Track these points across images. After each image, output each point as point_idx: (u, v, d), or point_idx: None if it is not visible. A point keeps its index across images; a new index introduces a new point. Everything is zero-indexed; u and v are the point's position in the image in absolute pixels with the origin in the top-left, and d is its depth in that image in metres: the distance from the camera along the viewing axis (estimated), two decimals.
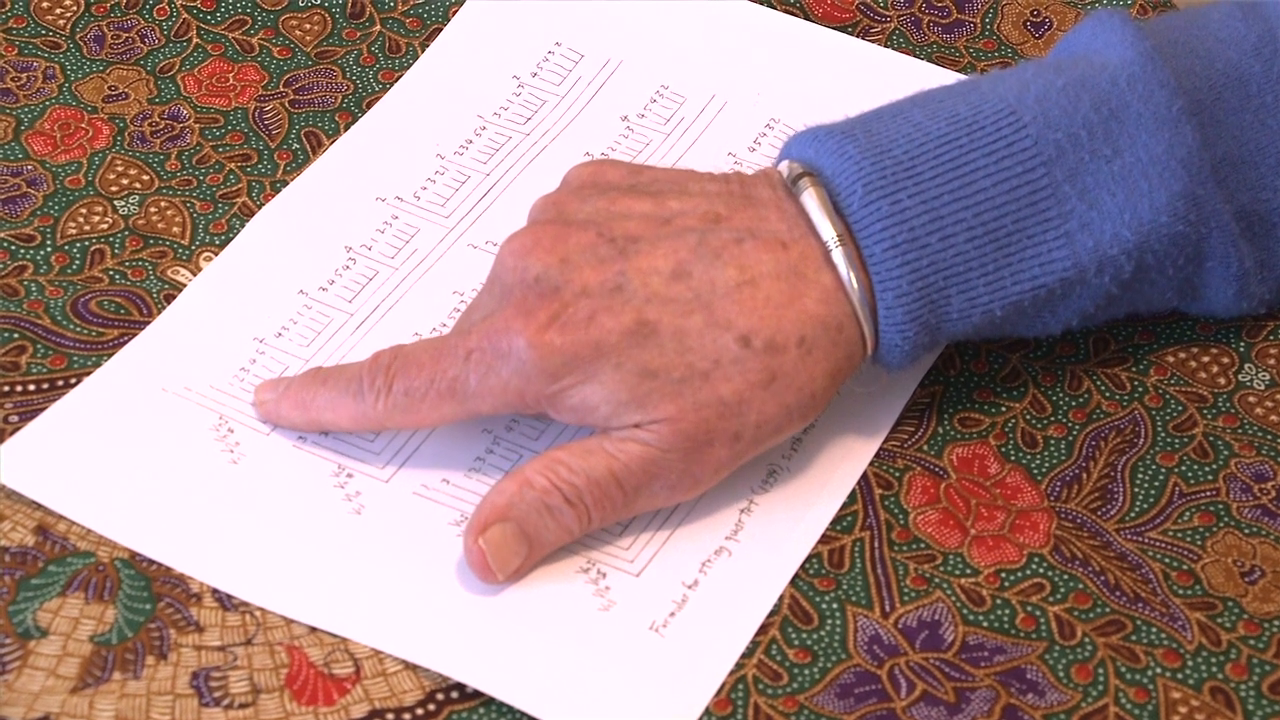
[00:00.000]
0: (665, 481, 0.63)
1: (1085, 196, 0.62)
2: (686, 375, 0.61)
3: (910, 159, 0.63)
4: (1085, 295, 0.64)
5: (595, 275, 0.62)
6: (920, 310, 0.63)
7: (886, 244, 0.62)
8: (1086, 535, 0.65)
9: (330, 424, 0.66)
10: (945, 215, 0.62)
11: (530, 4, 0.80)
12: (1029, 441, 0.67)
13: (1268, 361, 0.69)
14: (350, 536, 0.65)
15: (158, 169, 0.75)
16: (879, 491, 0.66)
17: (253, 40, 0.79)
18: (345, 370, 0.65)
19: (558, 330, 0.61)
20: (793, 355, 0.62)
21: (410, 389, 0.63)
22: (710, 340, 0.62)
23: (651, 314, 0.62)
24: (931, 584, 0.63)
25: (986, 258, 0.62)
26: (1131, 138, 0.63)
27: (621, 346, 0.61)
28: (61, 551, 0.64)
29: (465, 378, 0.63)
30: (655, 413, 0.62)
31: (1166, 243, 0.63)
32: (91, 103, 0.77)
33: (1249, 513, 0.65)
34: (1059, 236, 0.62)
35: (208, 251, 0.72)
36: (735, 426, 0.62)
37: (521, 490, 0.62)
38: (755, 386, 0.62)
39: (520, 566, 0.63)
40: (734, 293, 0.62)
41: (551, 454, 0.63)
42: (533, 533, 0.62)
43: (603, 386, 0.62)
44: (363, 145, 0.76)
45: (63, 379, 0.68)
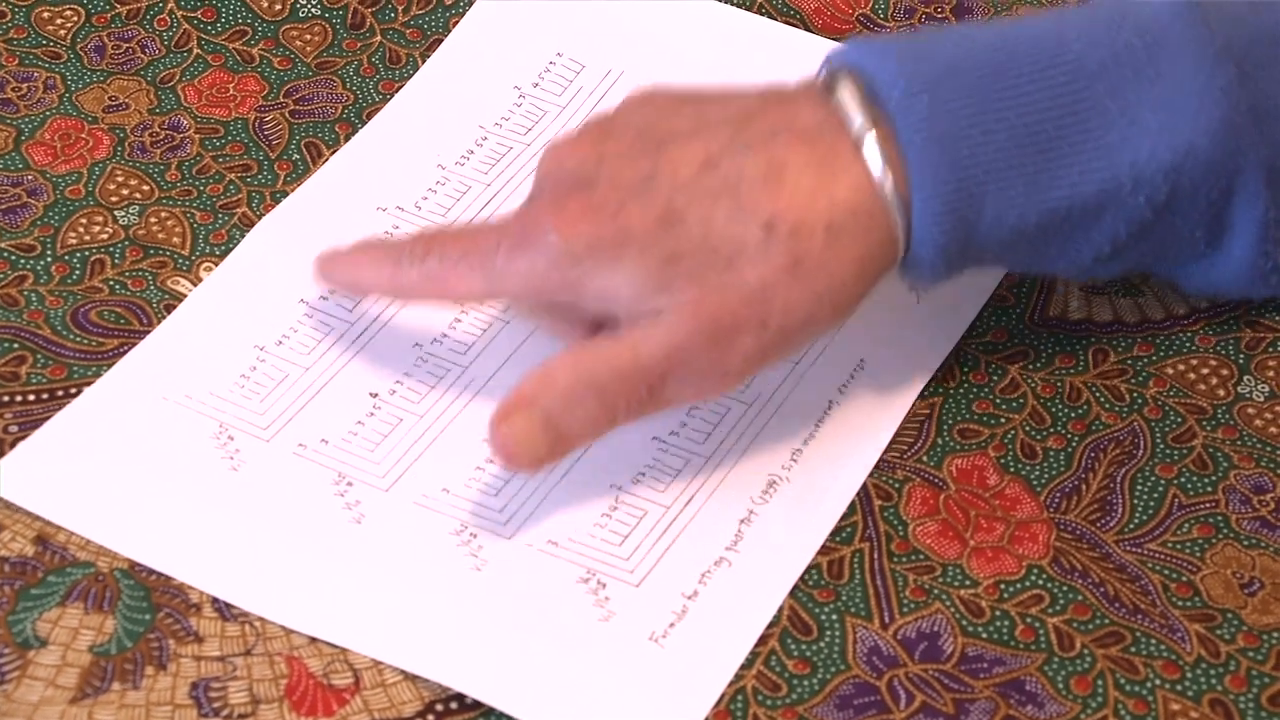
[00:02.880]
0: (692, 370, 0.63)
1: (1126, 113, 0.63)
2: (710, 260, 0.62)
3: (954, 63, 0.63)
4: (1119, 215, 0.63)
5: (629, 169, 0.63)
6: (957, 203, 0.62)
7: (926, 133, 0.62)
8: (1086, 547, 0.65)
9: (369, 284, 0.67)
10: (988, 112, 0.62)
11: (531, 15, 0.80)
12: (1028, 453, 0.67)
13: (1267, 373, 0.69)
14: (350, 546, 0.65)
15: (158, 179, 0.75)
16: (878, 503, 0.66)
17: (253, 51, 0.79)
18: (392, 239, 0.67)
19: (586, 217, 0.62)
20: (819, 241, 0.62)
21: (445, 256, 0.64)
22: (736, 226, 0.62)
23: (679, 202, 0.62)
24: (931, 595, 0.64)
25: (1026, 158, 0.62)
26: (1173, 64, 0.63)
27: (648, 233, 0.62)
28: (61, 562, 0.64)
29: (495, 255, 0.63)
30: (678, 296, 0.62)
31: (1203, 168, 0.63)
32: (92, 113, 0.77)
33: (1248, 524, 0.65)
34: (1098, 147, 0.62)
35: (208, 262, 0.72)
36: (761, 313, 0.62)
37: (546, 381, 0.63)
38: (780, 271, 0.62)
39: (545, 458, 0.63)
40: (761, 181, 0.62)
41: (579, 347, 0.63)
42: (558, 422, 0.63)
43: (626, 271, 0.62)
44: (364, 155, 0.76)
45: (63, 389, 0.68)
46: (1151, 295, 0.72)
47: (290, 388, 0.68)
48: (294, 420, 0.68)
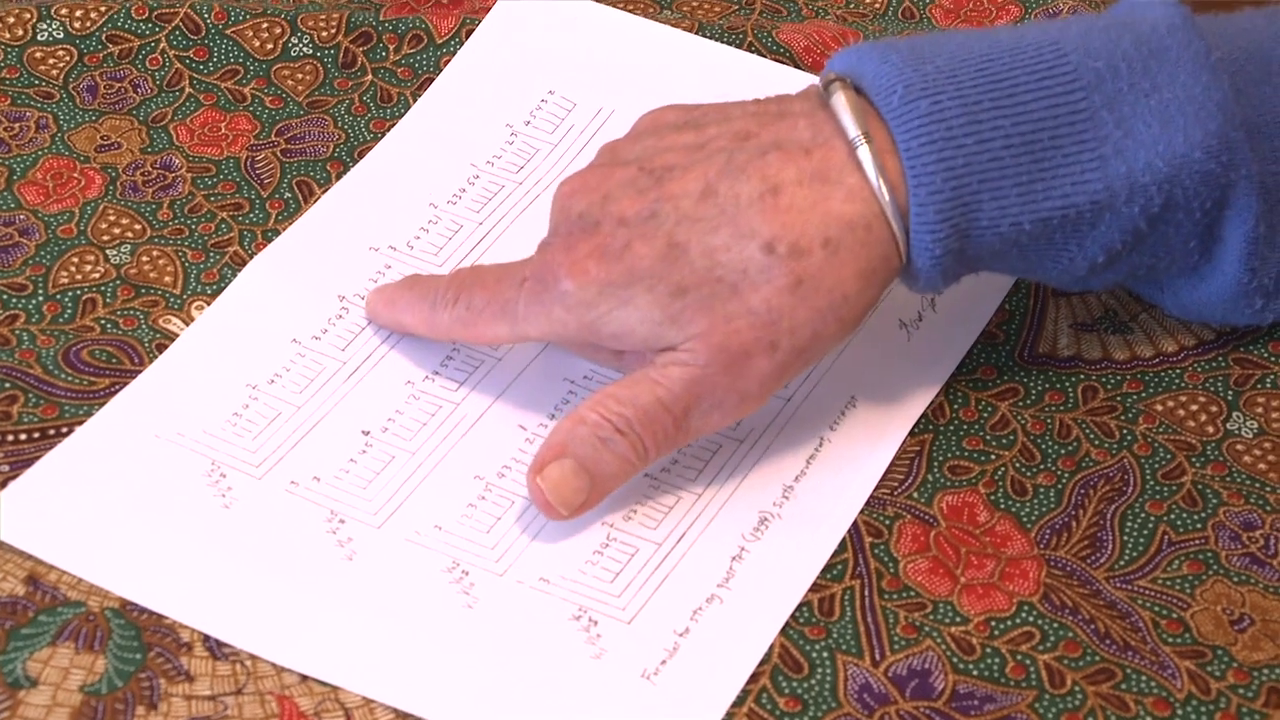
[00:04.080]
0: (712, 400, 0.64)
1: (1122, 125, 0.63)
2: (716, 289, 0.63)
3: (952, 68, 0.63)
4: (1114, 225, 0.64)
5: (632, 206, 0.64)
6: (952, 211, 0.63)
7: (924, 139, 0.62)
8: (1076, 583, 0.65)
9: (409, 326, 0.70)
10: (984, 120, 0.63)
11: (523, 53, 0.80)
12: (1018, 490, 0.67)
13: (1255, 410, 0.70)
14: (342, 583, 0.65)
15: (150, 218, 0.75)
16: (869, 539, 0.66)
17: (245, 90, 0.80)
18: (431, 280, 0.69)
19: (595, 261, 0.64)
20: (818, 257, 0.63)
21: (471, 304, 0.67)
22: (736, 252, 0.63)
23: (681, 235, 0.64)
24: (921, 632, 0.64)
25: (1021, 167, 0.63)
26: (1170, 76, 0.64)
27: (654, 270, 0.64)
28: (52, 601, 0.64)
29: (516, 303, 0.66)
30: (689, 329, 0.63)
31: (1197, 180, 0.64)
32: (84, 152, 0.77)
33: (1238, 561, 0.65)
34: (1093, 159, 0.63)
35: (199, 301, 0.72)
36: (770, 336, 0.63)
37: (575, 427, 0.65)
38: (783, 292, 0.63)
39: (585, 503, 0.65)
40: (757, 203, 0.63)
41: (602, 390, 0.65)
42: (591, 466, 0.64)
43: (638, 309, 0.64)
44: (355, 194, 0.76)
45: (54, 428, 0.68)
46: (1140, 332, 0.72)
47: (282, 425, 0.69)
48: (286, 458, 0.68)
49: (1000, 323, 0.72)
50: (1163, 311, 0.72)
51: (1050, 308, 0.73)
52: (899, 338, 0.71)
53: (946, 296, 0.72)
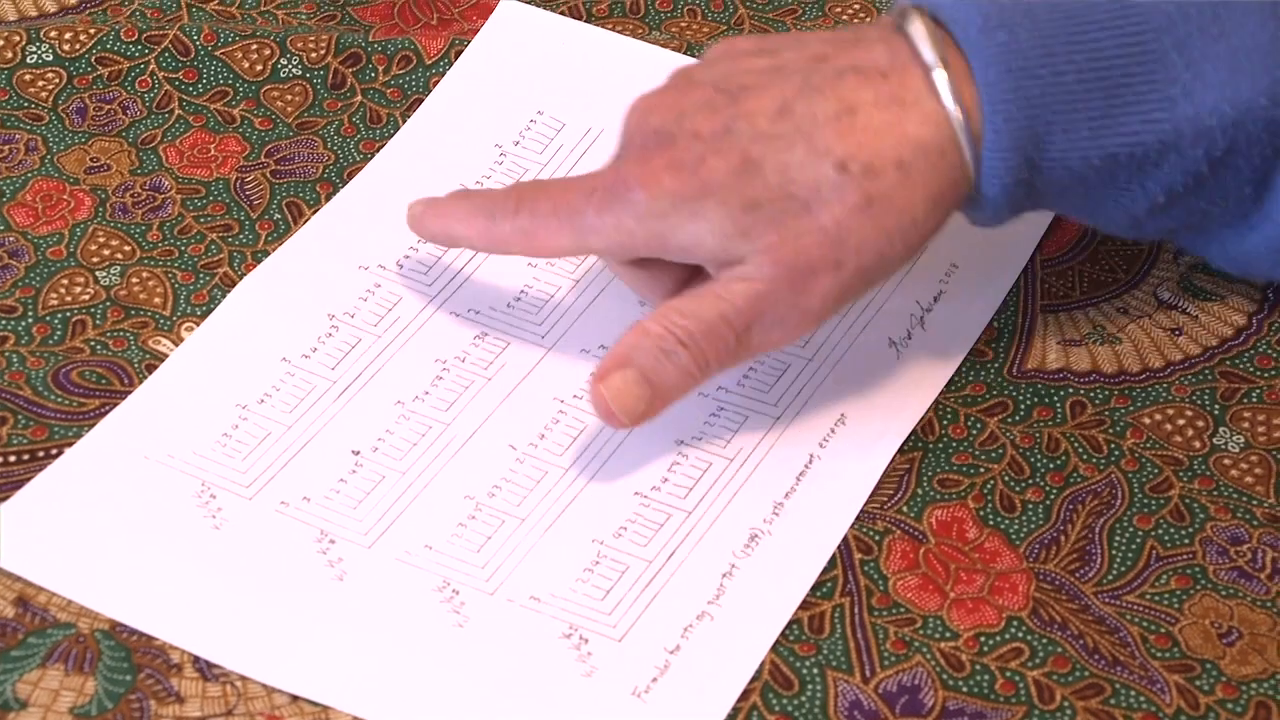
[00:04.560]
0: (775, 316, 0.65)
1: (1191, 67, 0.64)
2: (788, 205, 0.64)
3: (1028, 5, 0.64)
4: (1177, 166, 0.65)
5: (707, 123, 0.65)
6: (1024, 140, 0.63)
7: (1000, 68, 0.63)
8: (1065, 598, 0.65)
9: (461, 237, 0.69)
10: (1058, 54, 0.63)
11: (512, 74, 0.81)
12: (1007, 505, 0.68)
13: (1241, 424, 0.70)
14: (332, 603, 0.65)
15: (139, 240, 0.75)
16: (859, 556, 0.66)
17: (234, 111, 0.80)
18: (487, 192, 0.69)
19: (669, 173, 0.64)
20: (890, 178, 0.63)
21: (535, 211, 0.67)
22: (810, 169, 0.64)
23: (756, 151, 0.64)
24: (911, 648, 0.64)
25: (1093, 101, 0.64)
26: (1239, 24, 0.64)
27: (727, 184, 0.64)
28: (41, 623, 0.64)
29: (584, 210, 0.66)
30: (758, 243, 0.64)
31: (1260, 126, 0.65)
32: (73, 174, 0.77)
33: (1225, 575, 0.66)
34: (1163, 99, 0.64)
35: (189, 322, 0.72)
36: (836, 254, 0.64)
37: (639, 339, 0.65)
38: (853, 211, 0.64)
39: (646, 411, 0.65)
40: (833, 122, 0.64)
41: (666, 304, 0.66)
42: (653, 376, 0.65)
43: (709, 221, 0.64)
44: (345, 214, 0.76)
45: (44, 450, 0.68)
46: (1129, 344, 0.72)
47: (272, 446, 0.69)
48: (276, 478, 0.68)
49: (989, 340, 0.72)
50: (1150, 324, 0.73)
51: (1038, 324, 0.73)
52: (888, 355, 0.72)
53: (936, 315, 0.73)
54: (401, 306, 0.73)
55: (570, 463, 0.68)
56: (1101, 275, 0.75)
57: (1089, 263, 0.75)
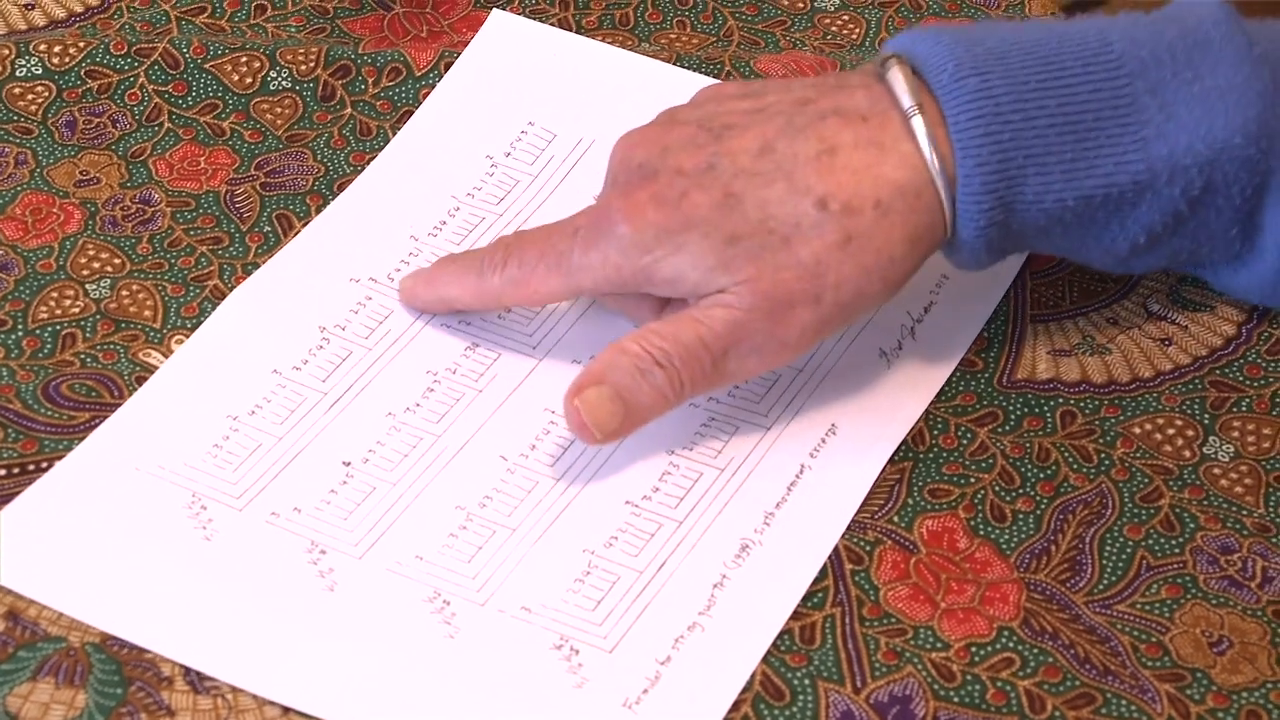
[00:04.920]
0: (751, 344, 0.66)
1: (1164, 109, 0.65)
2: (768, 240, 0.65)
3: (1002, 50, 0.66)
4: (1155, 206, 0.66)
5: (690, 159, 0.67)
6: (997, 183, 0.65)
7: (972, 113, 0.65)
8: (1056, 608, 0.65)
9: (455, 298, 0.71)
10: (1030, 100, 0.65)
11: (503, 86, 0.81)
12: (998, 515, 0.68)
13: (1231, 434, 0.70)
14: (323, 614, 0.65)
15: (129, 252, 0.75)
16: (850, 567, 0.66)
17: (224, 124, 0.80)
18: (471, 252, 0.71)
19: (653, 207, 0.66)
20: (869, 217, 0.65)
21: (523, 262, 0.69)
22: (791, 205, 0.65)
23: (738, 187, 0.66)
24: (902, 658, 0.64)
25: (1065, 145, 0.65)
26: (1212, 67, 0.66)
27: (709, 218, 0.66)
28: (32, 637, 0.64)
29: (570, 252, 0.67)
30: (737, 275, 0.66)
31: (1237, 165, 0.65)
32: (63, 188, 0.77)
33: (1216, 584, 0.66)
34: (1136, 140, 0.65)
35: (179, 335, 0.72)
36: (814, 288, 0.65)
37: (616, 356, 0.67)
38: (832, 248, 0.65)
39: (619, 429, 0.66)
40: (814, 161, 0.66)
41: (646, 325, 0.67)
42: (627, 395, 0.66)
43: (691, 255, 0.66)
44: (336, 227, 0.76)
45: (34, 463, 0.68)
46: (1118, 354, 0.72)
47: (263, 457, 0.69)
48: (267, 489, 0.68)
49: (979, 350, 0.73)
50: (1140, 334, 0.73)
51: (1028, 334, 0.73)
52: (879, 365, 0.72)
53: (926, 325, 0.73)
54: (393, 319, 0.73)
55: (561, 473, 0.68)
56: (1091, 285, 0.75)
57: (1079, 273, 0.75)
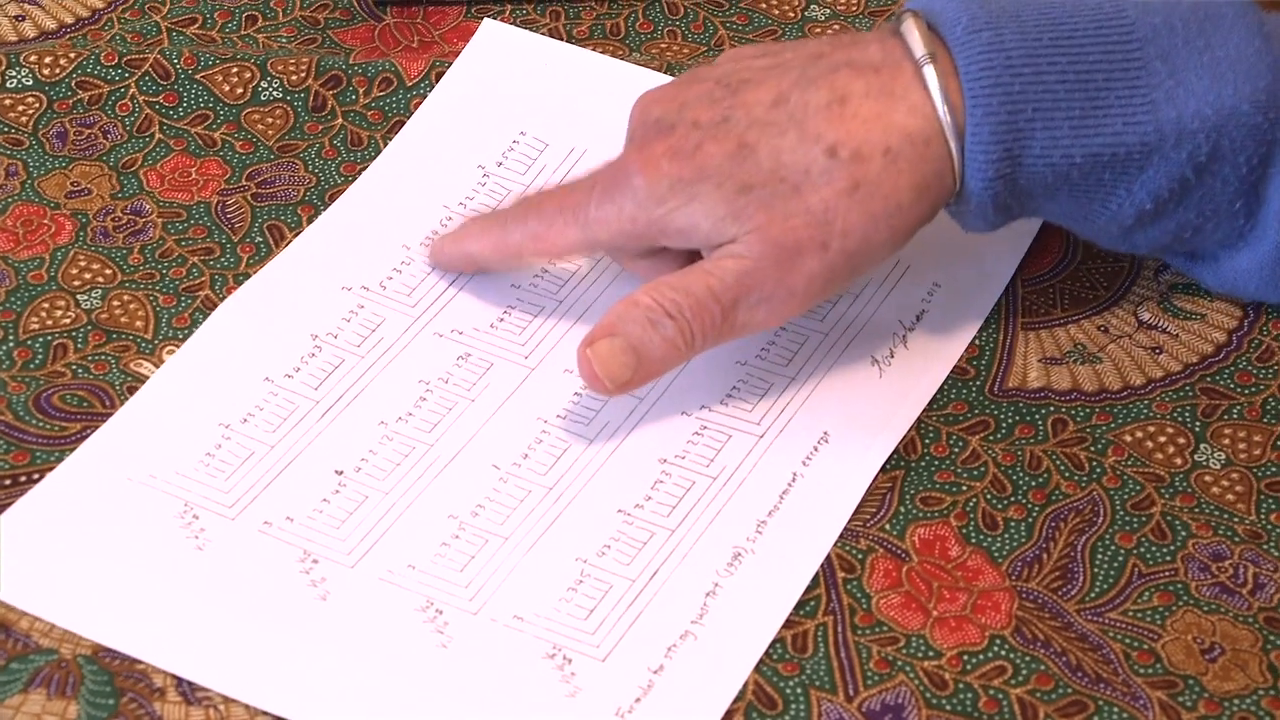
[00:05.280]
0: (760, 294, 0.67)
1: (1174, 75, 0.66)
2: (779, 188, 0.66)
3: (1016, 9, 0.67)
4: (1162, 170, 0.66)
5: (706, 113, 0.68)
6: (1005, 134, 0.66)
7: (983, 64, 0.66)
8: (1048, 616, 0.65)
9: (478, 254, 0.73)
10: (1041, 55, 0.66)
11: (495, 95, 0.81)
12: (989, 523, 0.68)
13: (1222, 441, 0.70)
14: (316, 623, 0.64)
15: (120, 263, 0.75)
16: (842, 575, 0.66)
17: (215, 135, 0.80)
18: (493, 211, 0.74)
19: (668, 159, 0.67)
20: (877, 164, 0.66)
21: (542, 214, 0.70)
22: (802, 153, 0.66)
23: (751, 137, 0.67)
24: (894, 667, 0.64)
25: (1074, 102, 0.66)
26: (1224, 38, 0.67)
27: (722, 168, 0.67)
28: (24, 649, 0.64)
29: (587, 205, 0.69)
30: (748, 223, 0.67)
31: (1244, 132, 0.66)
32: (54, 199, 0.77)
33: (1208, 591, 0.66)
34: (1144, 103, 0.66)
35: (170, 345, 0.72)
36: (822, 235, 0.66)
37: (628, 309, 0.68)
38: (841, 194, 0.66)
39: (631, 380, 0.68)
40: (825, 110, 0.67)
41: (658, 279, 0.68)
42: (638, 345, 0.67)
43: (704, 205, 0.67)
44: (328, 235, 0.76)
45: (25, 475, 0.68)
46: (1110, 362, 0.73)
47: (255, 465, 0.69)
48: (259, 498, 0.68)
49: (970, 358, 0.73)
50: (1131, 343, 0.73)
51: (1020, 343, 0.73)
52: (871, 374, 0.72)
53: (918, 334, 0.73)
54: (385, 327, 0.73)
55: (554, 482, 0.68)
56: (1082, 293, 0.75)
57: (1070, 281, 0.75)
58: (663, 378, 0.71)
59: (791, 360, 0.72)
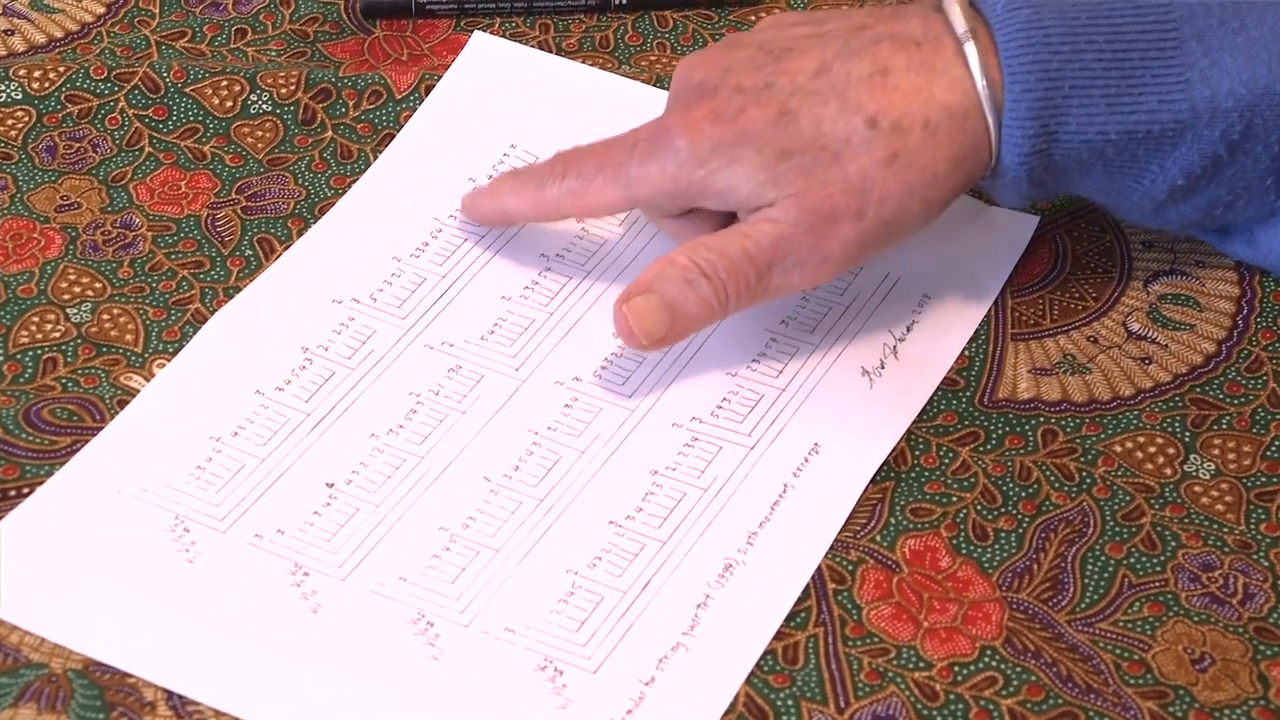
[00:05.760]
0: (796, 258, 0.69)
1: (1209, 55, 0.68)
2: (819, 155, 0.68)
3: None
4: (1195, 147, 0.68)
5: (749, 78, 0.69)
6: (1042, 110, 0.67)
7: (1021, 41, 0.67)
8: (1038, 627, 0.65)
9: (514, 210, 0.74)
10: (1079, 33, 0.68)
11: (484, 108, 0.81)
12: (980, 534, 0.68)
13: (1212, 451, 0.70)
14: (307, 636, 0.64)
15: (110, 277, 0.75)
16: (832, 586, 0.66)
17: (205, 148, 0.80)
18: (531, 165, 0.74)
19: (710, 122, 0.69)
20: (917, 136, 0.68)
21: (581, 172, 0.71)
22: (843, 123, 0.68)
23: (793, 104, 0.69)
24: (885, 678, 0.64)
25: (1110, 80, 0.67)
26: (1259, 20, 0.68)
27: (764, 133, 0.68)
28: (14, 664, 0.64)
29: (628, 164, 0.70)
30: (787, 189, 0.68)
31: (1277, 111, 0.68)
32: (44, 213, 0.77)
33: (1198, 601, 0.66)
34: (1179, 81, 0.67)
35: (160, 359, 0.72)
36: (858, 204, 0.68)
37: (665, 267, 0.69)
38: (879, 164, 0.68)
39: (665, 337, 0.69)
40: (867, 81, 0.68)
41: (694, 240, 0.70)
42: (674, 303, 0.69)
43: (744, 168, 0.68)
44: (319, 247, 0.76)
45: (15, 489, 0.68)
46: (1099, 373, 0.73)
47: (246, 478, 0.69)
48: (250, 511, 0.68)
49: (960, 369, 0.73)
50: (1120, 354, 0.73)
51: (1009, 354, 0.73)
52: (861, 385, 0.72)
53: (908, 345, 0.73)
54: (375, 339, 0.73)
55: (544, 494, 0.68)
56: (1071, 304, 0.75)
57: (1059, 291, 0.75)
58: (650, 390, 0.71)
59: (782, 371, 0.72)
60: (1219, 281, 0.75)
